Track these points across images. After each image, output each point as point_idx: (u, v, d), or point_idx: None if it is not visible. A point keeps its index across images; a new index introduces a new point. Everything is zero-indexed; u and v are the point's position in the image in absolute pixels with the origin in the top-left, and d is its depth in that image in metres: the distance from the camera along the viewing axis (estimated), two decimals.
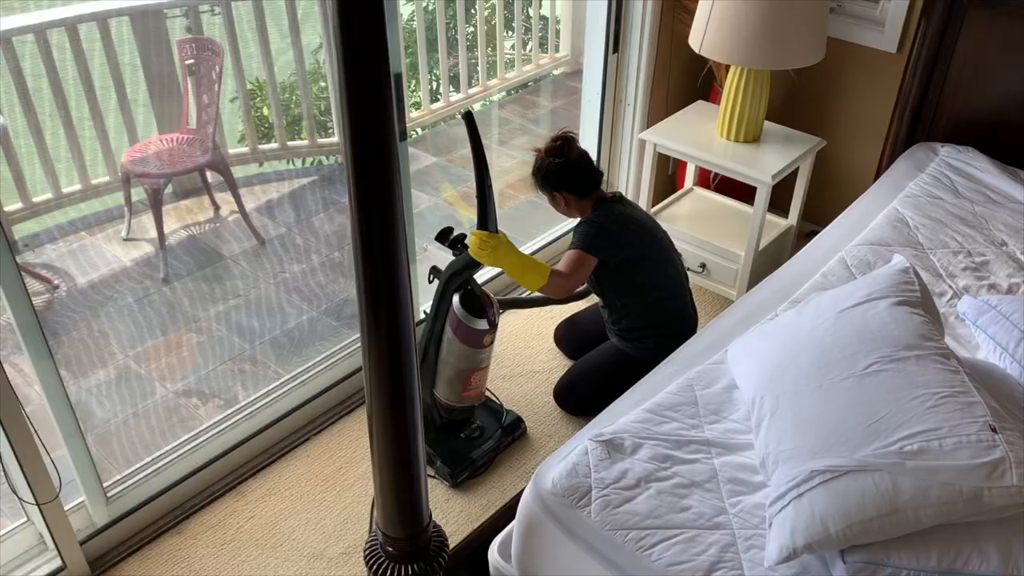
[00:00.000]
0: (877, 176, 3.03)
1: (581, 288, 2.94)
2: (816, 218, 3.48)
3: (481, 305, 2.40)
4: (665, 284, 2.62)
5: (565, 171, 2.50)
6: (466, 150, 4.64)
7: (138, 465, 2.51)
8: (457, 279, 2.40)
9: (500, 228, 2.36)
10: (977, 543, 1.47)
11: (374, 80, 1.21)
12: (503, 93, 4.90)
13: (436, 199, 4.14)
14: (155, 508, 2.45)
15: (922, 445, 1.50)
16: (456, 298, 2.39)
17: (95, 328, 3.24)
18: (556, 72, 5.06)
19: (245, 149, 4.10)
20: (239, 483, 2.57)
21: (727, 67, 3.05)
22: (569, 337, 3.01)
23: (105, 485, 2.39)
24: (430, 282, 2.49)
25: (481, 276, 3.19)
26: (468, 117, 2.18)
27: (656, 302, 2.61)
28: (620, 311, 2.65)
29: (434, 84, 4.78)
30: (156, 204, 3.52)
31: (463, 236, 2.40)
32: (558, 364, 2.99)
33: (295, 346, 3.19)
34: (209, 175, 3.82)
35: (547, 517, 1.71)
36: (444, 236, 2.43)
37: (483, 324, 2.39)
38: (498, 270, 3.26)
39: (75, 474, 2.29)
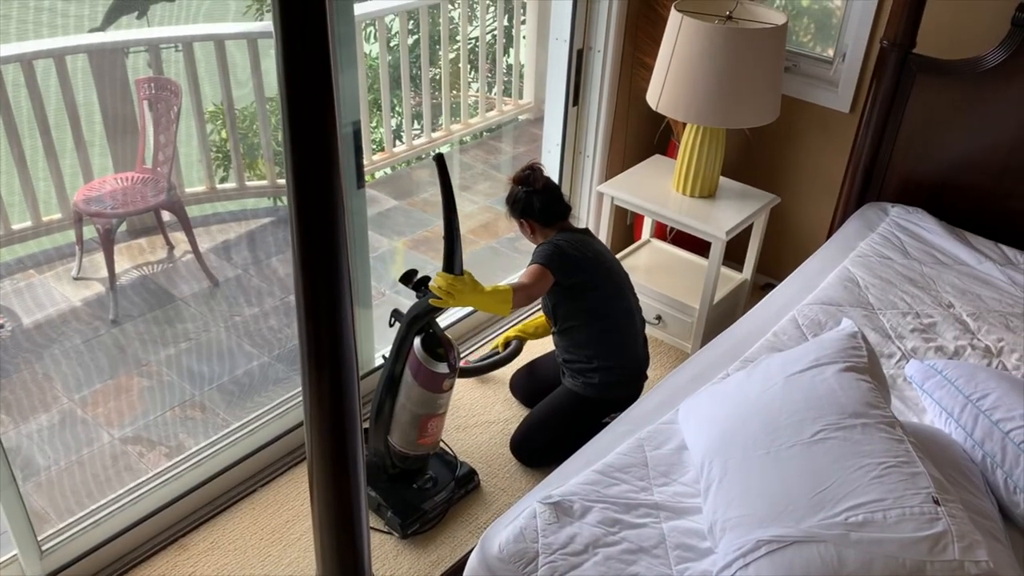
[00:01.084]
0: (830, 233, 3.08)
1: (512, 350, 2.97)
2: (772, 271, 3.52)
3: (442, 349, 2.39)
4: (613, 316, 2.65)
5: (530, 200, 2.62)
6: (427, 194, 4.66)
7: (77, 516, 2.43)
8: (420, 321, 2.40)
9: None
10: None
11: (321, 144, 1.20)
12: (469, 137, 4.93)
13: (397, 243, 4.13)
14: (92, 562, 2.37)
15: (867, 516, 1.50)
16: (418, 341, 2.38)
17: (39, 370, 3.16)
18: (521, 118, 5.10)
19: (202, 188, 4.06)
20: (182, 536, 2.50)
21: (684, 123, 3.09)
22: (524, 385, 3.00)
23: (40, 538, 2.30)
24: (391, 326, 2.47)
25: (444, 320, 3.18)
26: (439, 159, 2.22)
27: (602, 331, 2.64)
28: (568, 338, 2.68)
29: (397, 120, 4.79)
30: (108, 244, 3.46)
31: (427, 279, 2.40)
32: (513, 414, 2.97)
33: (245, 393, 3.13)
34: (164, 214, 3.77)
35: None
36: (408, 278, 2.43)
37: (444, 368, 2.38)
38: (462, 313, 3.26)
39: (7, 526, 2.21)
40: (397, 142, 4.57)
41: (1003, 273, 2.67)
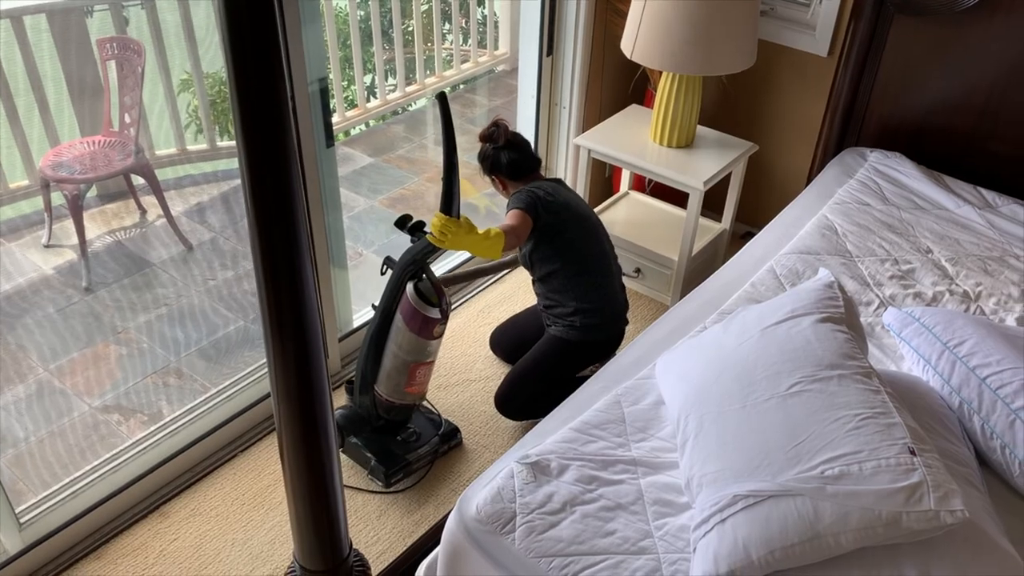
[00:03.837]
0: (809, 180, 3.05)
1: (510, 257, 2.94)
2: (751, 219, 3.49)
3: (435, 294, 2.38)
4: (587, 258, 2.64)
5: (497, 156, 2.64)
6: (403, 150, 4.58)
7: (55, 488, 2.41)
8: (415, 266, 2.38)
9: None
10: (897, 567, 1.47)
11: (270, 105, 1.14)
12: (446, 90, 4.83)
13: (372, 201, 4.07)
14: (72, 533, 2.36)
15: (843, 469, 1.50)
16: (411, 285, 2.37)
17: (11, 341, 3.11)
18: (497, 69, 5.01)
19: (173, 150, 3.98)
20: (162, 504, 2.49)
21: (660, 71, 3.03)
22: (505, 342, 2.98)
23: (18, 511, 2.29)
24: (383, 273, 2.46)
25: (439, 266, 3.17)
26: (442, 98, 2.20)
27: (578, 274, 2.62)
28: (546, 285, 2.68)
29: (370, 76, 4.69)
30: (76, 210, 3.39)
31: (422, 223, 2.39)
32: (494, 372, 2.96)
33: (223, 358, 3.10)
34: (135, 178, 3.69)
35: (471, 545, 1.67)
36: (403, 223, 2.42)
37: (436, 313, 2.37)
38: (456, 259, 3.24)
39: None
40: (371, 97, 4.48)
41: (982, 217, 2.65)
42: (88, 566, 2.32)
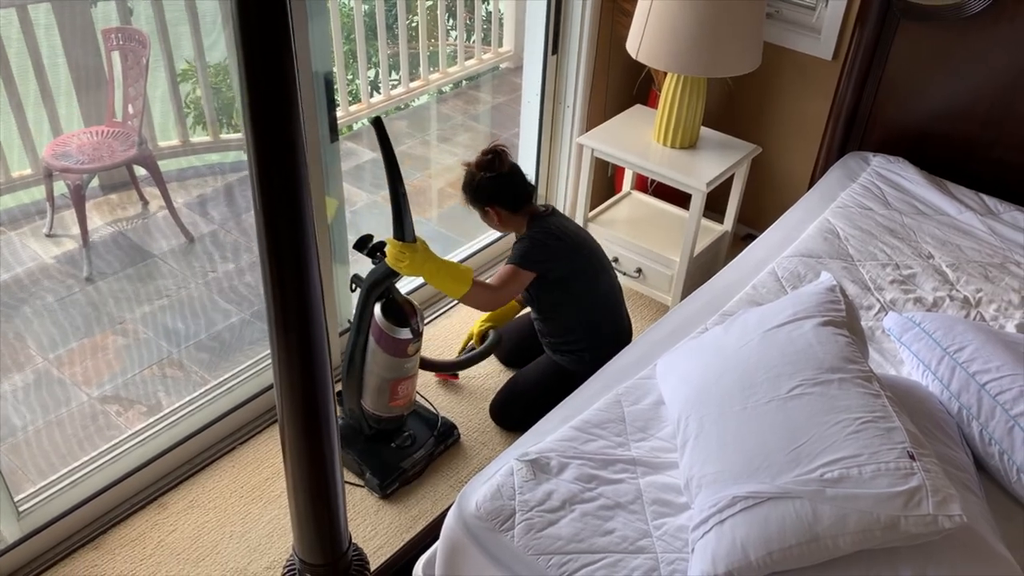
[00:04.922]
0: (812, 183, 3.05)
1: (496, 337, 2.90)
2: (753, 222, 3.50)
3: (404, 314, 2.35)
4: (598, 298, 2.61)
5: (497, 185, 2.48)
6: (405, 146, 4.57)
7: (54, 477, 2.42)
8: (378, 288, 2.35)
9: (434, 230, 2.32)
10: (895, 570, 1.48)
11: (280, 99, 1.15)
12: (449, 87, 4.83)
13: (375, 196, 4.07)
14: (71, 522, 2.36)
15: (842, 472, 1.50)
16: (378, 307, 2.34)
17: (12, 330, 3.11)
18: (501, 66, 5.01)
19: (176, 142, 3.98)
20: (161, 495, 2.49)
21: (665, 72, 3.04)
22: (503, 341, 2.97)
23: (17, 499, 2.29)
24: (352, 291, 2.44)
25: (405, 285, 3.14)
26: (377, 123, 2.10)
27: (589, 317, 2.60)
28: (553, 325, 2.64)
29: (374, 71, 4.69)
30: (78, 200, 3.39)
31: (382, 244, 2.34)
32: (493, 369, 2.96)
33: (223, 350, 3.10)
34: (137, 169, 3.70)
35: (470, 541, 1.68)
36: (362, 244, 2.38)
37: (406, 333, 2.34)
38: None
39: None
40: (375, 92, 4.48)
41: (983, 223, 2.66)
42: (86, 556, 2.32)
